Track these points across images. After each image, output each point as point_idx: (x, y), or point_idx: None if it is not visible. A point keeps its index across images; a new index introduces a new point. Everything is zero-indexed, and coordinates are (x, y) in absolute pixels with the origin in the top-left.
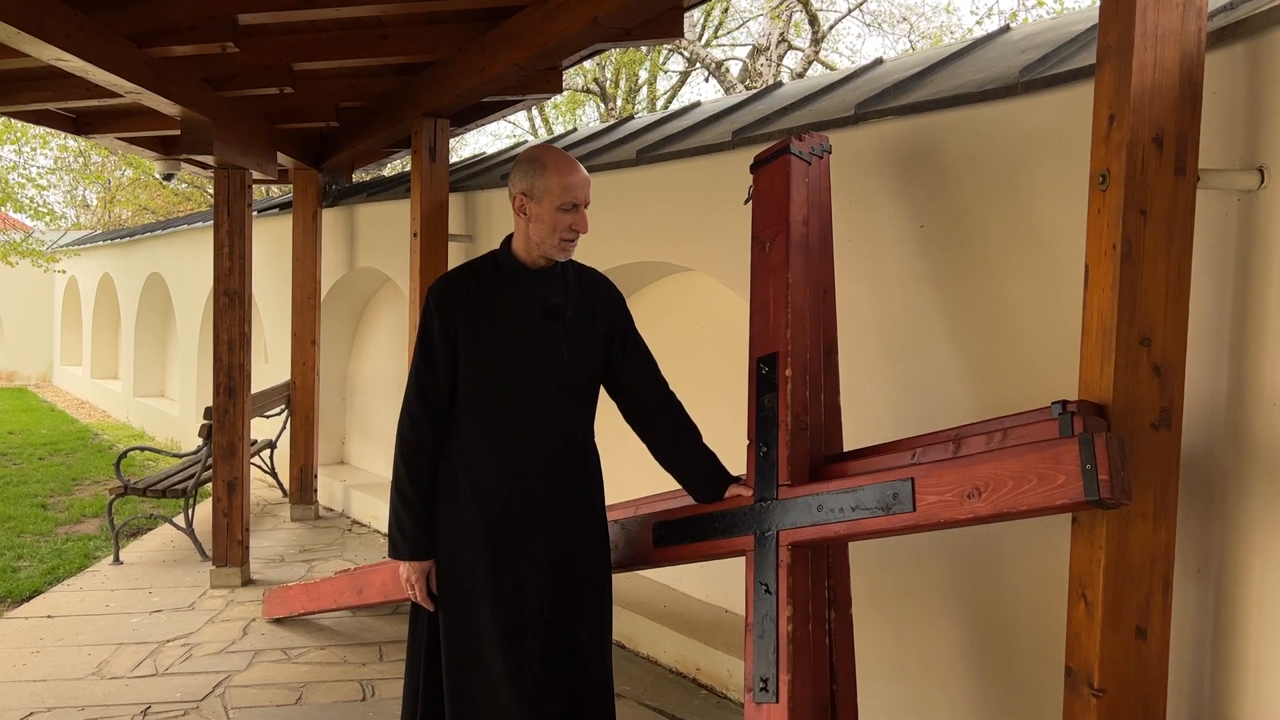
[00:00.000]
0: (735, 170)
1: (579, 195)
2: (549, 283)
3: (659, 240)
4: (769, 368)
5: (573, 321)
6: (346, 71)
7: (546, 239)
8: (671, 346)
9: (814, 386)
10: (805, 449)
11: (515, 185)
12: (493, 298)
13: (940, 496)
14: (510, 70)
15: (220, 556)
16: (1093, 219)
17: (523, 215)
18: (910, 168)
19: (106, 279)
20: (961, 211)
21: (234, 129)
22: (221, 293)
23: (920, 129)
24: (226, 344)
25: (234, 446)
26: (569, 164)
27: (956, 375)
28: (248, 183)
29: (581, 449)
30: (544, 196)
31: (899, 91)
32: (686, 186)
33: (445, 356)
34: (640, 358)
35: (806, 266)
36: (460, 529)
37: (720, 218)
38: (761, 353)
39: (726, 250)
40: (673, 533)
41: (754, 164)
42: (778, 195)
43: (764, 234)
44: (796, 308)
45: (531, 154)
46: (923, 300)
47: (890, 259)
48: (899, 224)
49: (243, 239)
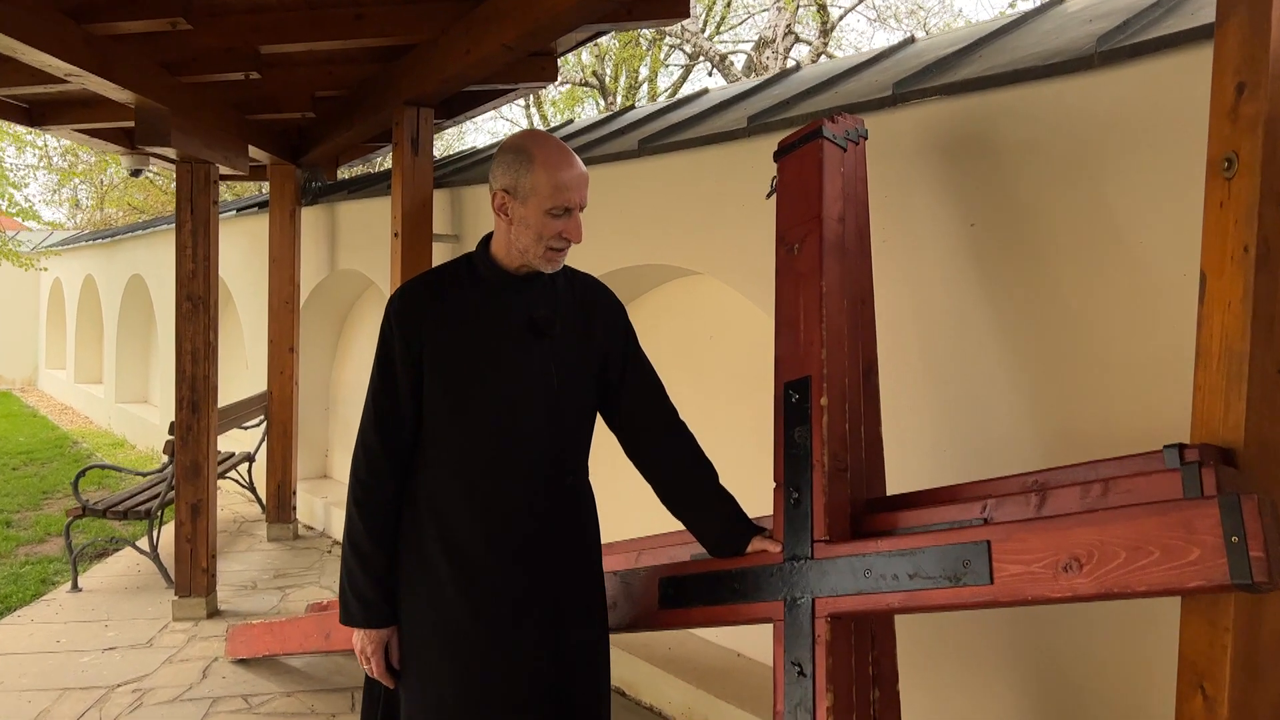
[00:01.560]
0: (750, 161)
1: (573, 197)
2: (535, 291)
3: (663, 240)
4: (799, 395)
5: (563, 337)
6: (321, 57)
7: (530, 247)
8: (676, 362)
9: (853, 416)
10: (845, 495)
11: (497, 180)
12: (466, 310)
13: (1026, 567)
14: (498, 52)
15: (183, 586)
16: (1212, 215)
17: (504, 216)
18: (958, 156)
19: (89, 280)
20: (1019, 207)
21: (197, 118)
22: (185, 298)
23: (970, 111)
24: (190, 354)
25: (199, 466)
26: (562, 157)
27: (1013, 402)
28: (213, 178)
29: (574, 491)
30: (530, 196)
31: (943, 69)
32: (695, 180)
33: (408, 382)
34: (644, 381)
35: (843, 272)
36: (427, 590)
37: (733, 215)
38: (791, 376)
39: (740, 252)
40: (683, 592)
41: (779, 150)
42: (808, 187)
43: (791, 233)
44: (832, 322)
45: (517, 142)
46: (972, 312)
47: (933, 263)
48: (944, 222)
49: (208, 239)
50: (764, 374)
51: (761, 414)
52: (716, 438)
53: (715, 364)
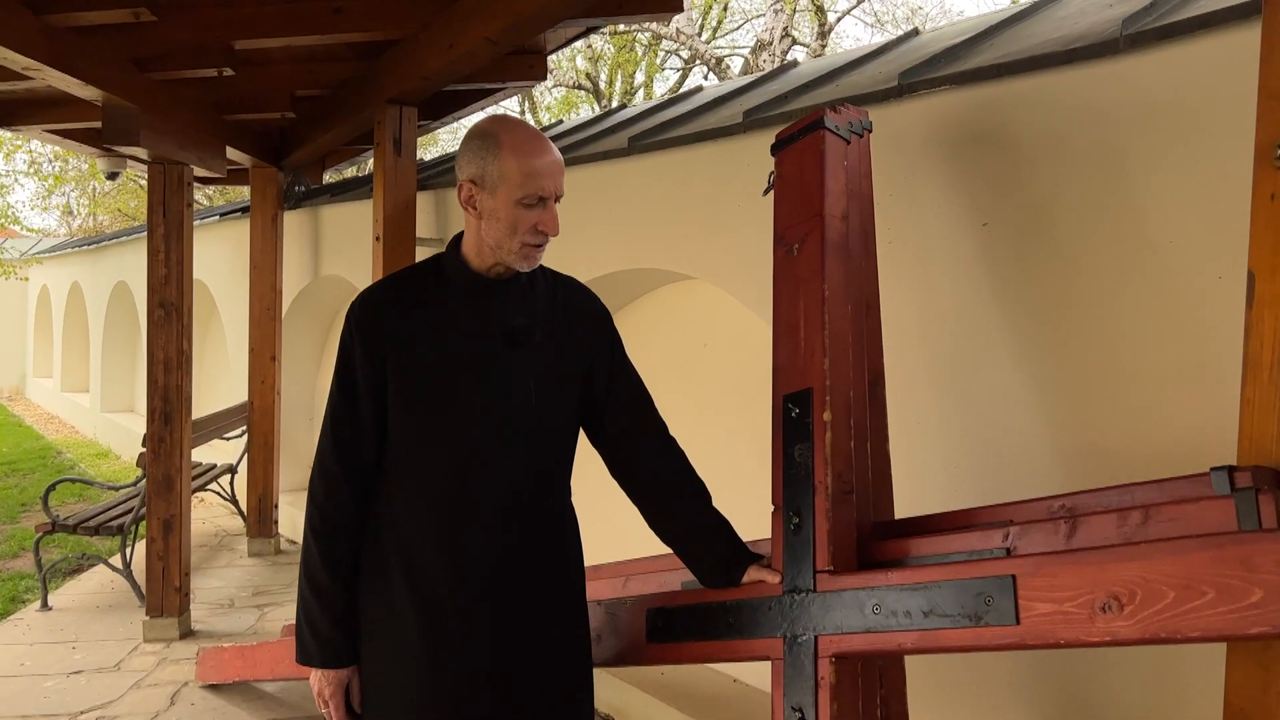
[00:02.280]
0: (747, 158)
1: (546, 185)
2: (511, 297)
3: (654, 243)
4: (800, 409)
5: (543, 348)
6: (300, 54)
7: (503, 242)
8: (668, 372)
9: (859, 432)
10: (851, 519)
11: (462, 170)
12: (435, 317)
13: (1058, 606)
14: (481, 46)
15: (155, 606)
16: (1262, 208)
17: (472, 210)
18: (969, 151)
19: (76, 288)
20: (1036, 205)
21: (169, 117)
22: (156, 305)
23: (982, 102)
24: (162, 364)
25: (170, 480)
26: (534, 142)
27: (1031, 416)
28: (187, 180)
29: (554, 516)
30: (499, 186)
31: (953, 58)
32: (688, 179)
33: (371, 397)
34: (632, 395)
35: (846, 275)
36: (389, 629)
37: (729, 216)
38: (790, 389)
39: (736, 255)
40: (672, 625)
41: (777, 143)
42: (809, 182)
43: (790, 233)
44: (835, 329)
45: (483, 128)
46: (986, 318)
47: (943, 266)
48: (954, 222)
49: (180, 244)
50: (763, 385)
51: (760, 427)
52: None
53: (710, 374)
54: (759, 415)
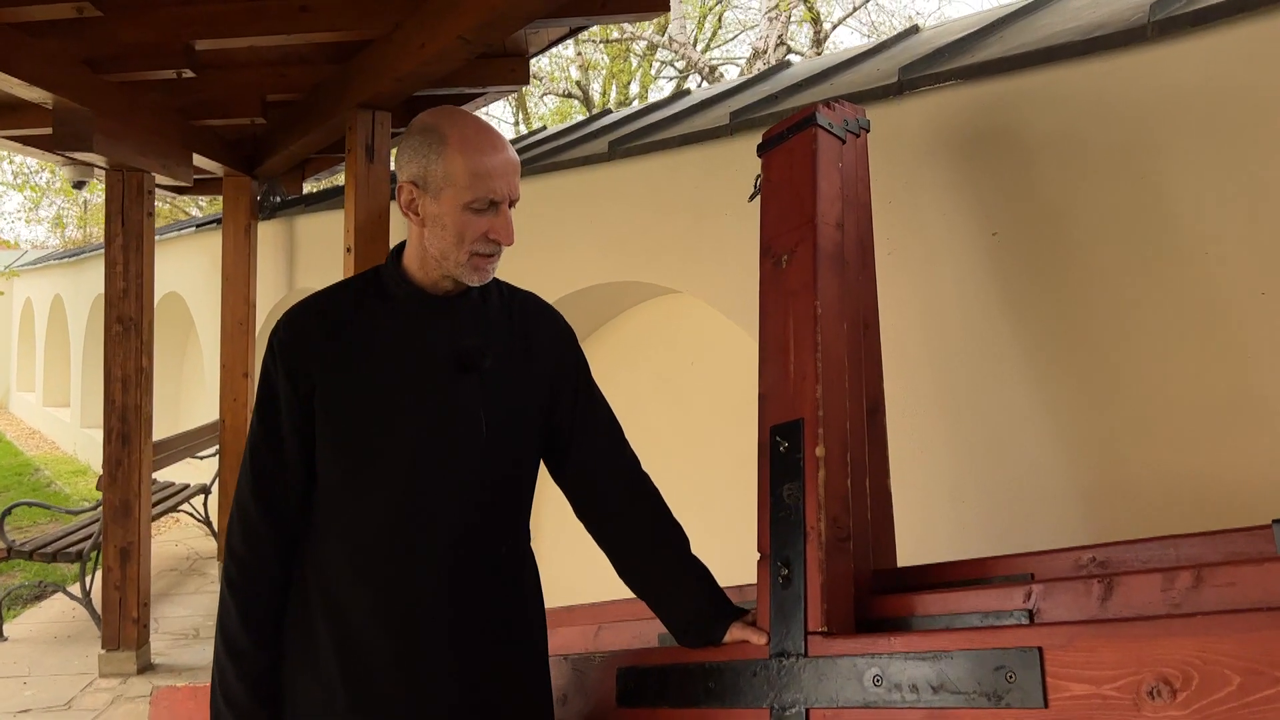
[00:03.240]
0: (734, 163)
1: (498, 187)
2: (460, 315)
3: (636, 254)
4: (789, 442)
5: (497, 372)
6: (269, 57)
7: (450, 252)
8: (652, 393)
9: (856, 469)
10: (848, 572)
11: (402, 169)
12: (372, 339)
13: (1095, 688)
14: (455, 45)
15: (112, 638)
16: None
17: (414, 216)
18: (977, 152)
19: (58, 301)
20: (1052, 212)
21: (127, 122)
22: (114, 320)
23: (991, 98)
24: (120, 381)
25: (128, 506)
26: (483, 137)
27: (1048, 446)
28: (148, 188)
29: (510, 567)
30: (444, 188)
31: (958, 52)
32: (672, 186)
33: (296, 431)
34: (599, 426)
35: (842, 289)
36: (316, 700)
37: (715, 224)
38: (778, 419)
39: (723, 267)
40: (646, 687)
41: (764, 143)
42: (799, 186)
43: (779, 243)
44: (830, 351)
45: (426, 122)
46: (997, 338)
47: (948, 279)
48: (960, 231)
49: (140, 255)
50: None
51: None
52: (696, 482)
53: (697, 395)
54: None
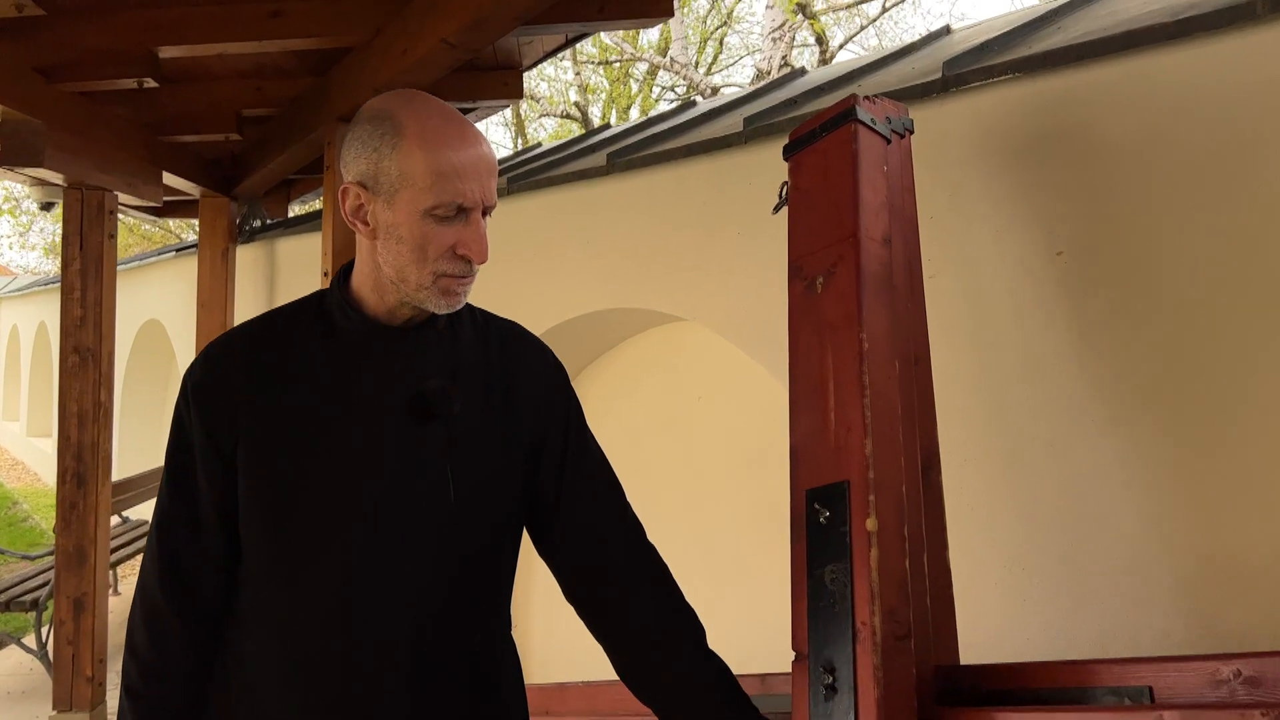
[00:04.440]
0: (749, 174)
1: (469, 190)
2: (423, 350)
3: (636, 277)
4: (831, 512)
5: (470, 421)
6: (244, 67)
7: (409, 272)
8: (655, 434)
9: (913, 542)
10: (909, 678)
11: (348, 167)
12: (313, 381)
13: None
14: (439, 51)
15: (63, 699)
16: None
17: (363, 226)
18: (1037, 158)
19: (43, 328)
20: (1133, 227)
21: (86, 136)
22: (70, 350)
23: (1056, 94)
24: (76, 417)
25: (83, 553)
26: (450, 127)
27: (1135, 511)
28: (109, 207)
29: (487, 662)
30: (400, 190)
31: (1009, 44)
32: (677, 201)
33: (215, 500)
34: (594, 487)
35: (892, 319)
36: None
37: (726, 243)
38: (816, 481)
39: (735, 291)
40: None
41: (792, 144)
42: (837, 194)
43: (812, 262)
44: (880, 395)
45: (379, 107)
46: (1063, 377)
47: (1004, 308)
48: (1019, 251)
49: (100, 281)
50: (770, 450)
51: (769, 507)
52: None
53: (705, 437)
54: (767, 489)
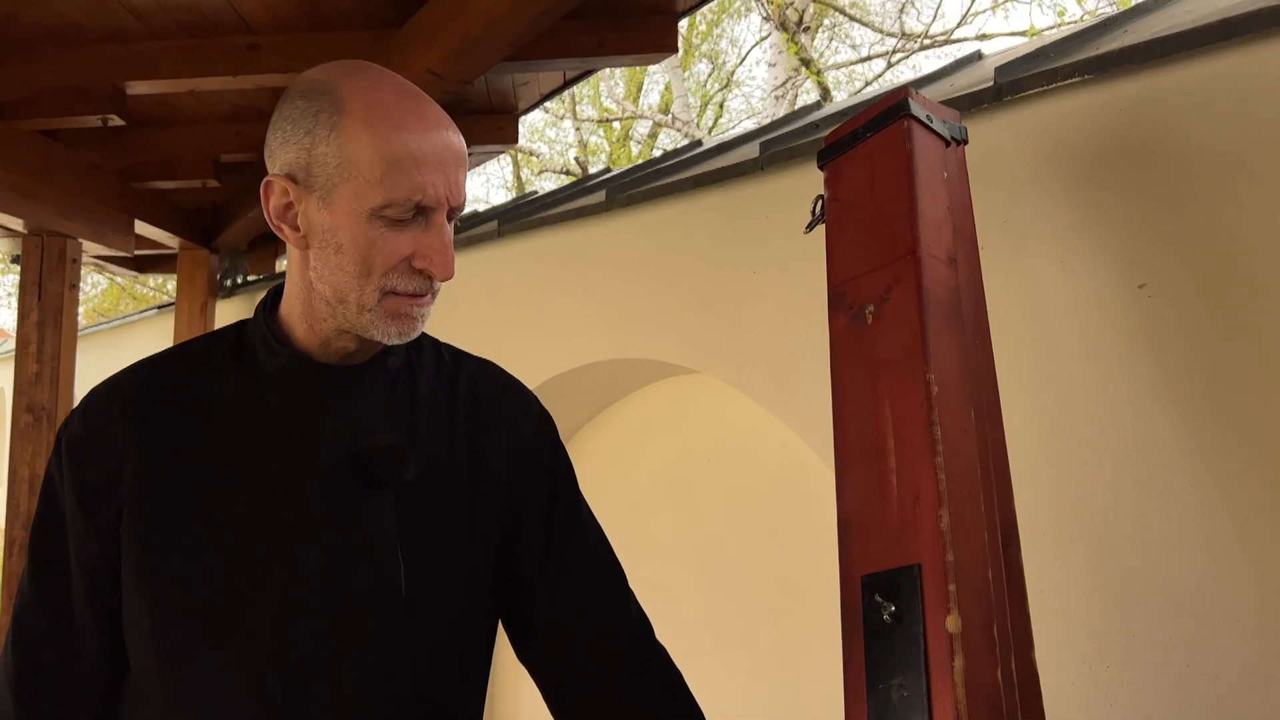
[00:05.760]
0: (766, 204)
1: (431, 183)
2: (368, 395)
3: (638, 324)
4: (896, 604)
5: (426, 488)
6: (220, 109)
7: (350, 291)
8: (657, 499)
9: (1003, 646)
10: None
11: (274, 155)
12: (224, 435)
13: None
14: (425, 83)
15: None
16: None
17: (291, 231)
18: (1111, 174)
19: None
20: (1232, 255)
21: (48, 180)
22: (24, 409)
23: (1131, 100)
24: (27, 483)
25: None
26: (407, 103)
27: (1235, 586)
28: (72, 256)
29: None
30: (340, 182)
31: (1068, 50)
32: (685, 238)
33: (89, 589)
34: (589, 571)
35: (963, 356)
36: None
37: (740, 282)
38: (873, 564)
39: (751, 336)
40: None
41: (828, 149)
42: (888, 203)
43: (857, 287)
44: (956, 455)
45: (316, 79)
46: (1151, 433)
47: (1075, 351)
48: (1091, 283)
49: (59, 334)
50: (793, 517)
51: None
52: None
53: (716, 502)
54: (788, 565)
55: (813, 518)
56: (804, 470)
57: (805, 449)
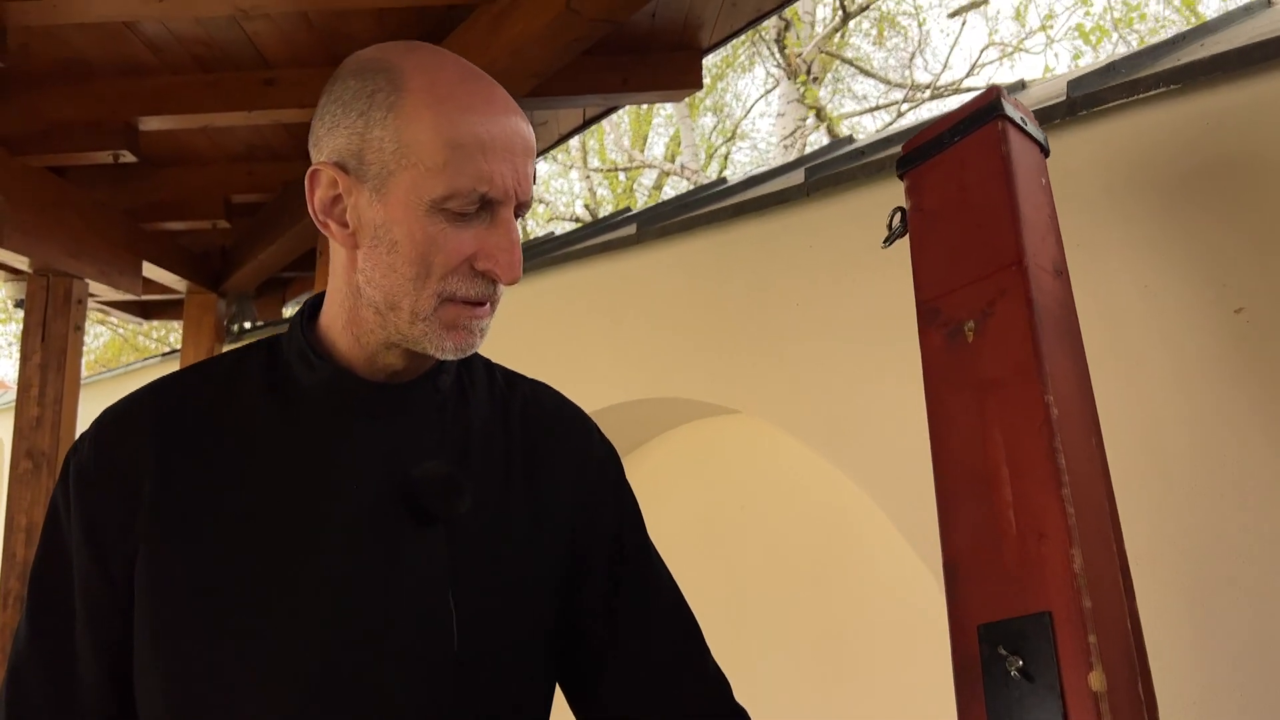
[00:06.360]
0: (808, 234)
1: (500, 173)
2: (416, 418)
3: (670, 362)
4: (1024, 658)
5: (480, 525)
6: (233, 148)
7: (404, 296)
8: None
9: (1150, 706)
10: None
11: (321, 142)
12: (252, 463)
13: None
14: None
15: None
16: None
17: (338, 228)
18: (1203, 192)
19: None
20: None
21: (55, 218)
22: (23, 454)
23: (1221, 113)
24: (24, 531)
25: None
26: (473, 84)
27: None
28: (78, 296)
29: None
30: (398, 170)
31: (1138, 66)
32: (721, 269)
33: (97, 643)
34: (662, 620)
35: (1080, 377)
36: None
37: (784, 315)
38: (992, 613)
39: (794, 374)
40: None
41: (908, 157)
42: (986, 209)
43: (953, 302)
44: (1084, 486)
45: (371, 58)
46: (1251, 466)
47: (1165, 382)
48: (1179, 308)
49: (61, 377)
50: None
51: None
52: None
53: (752, 550)
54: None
55: (860, 568)
56: (850, 516)
57: (853, 493)
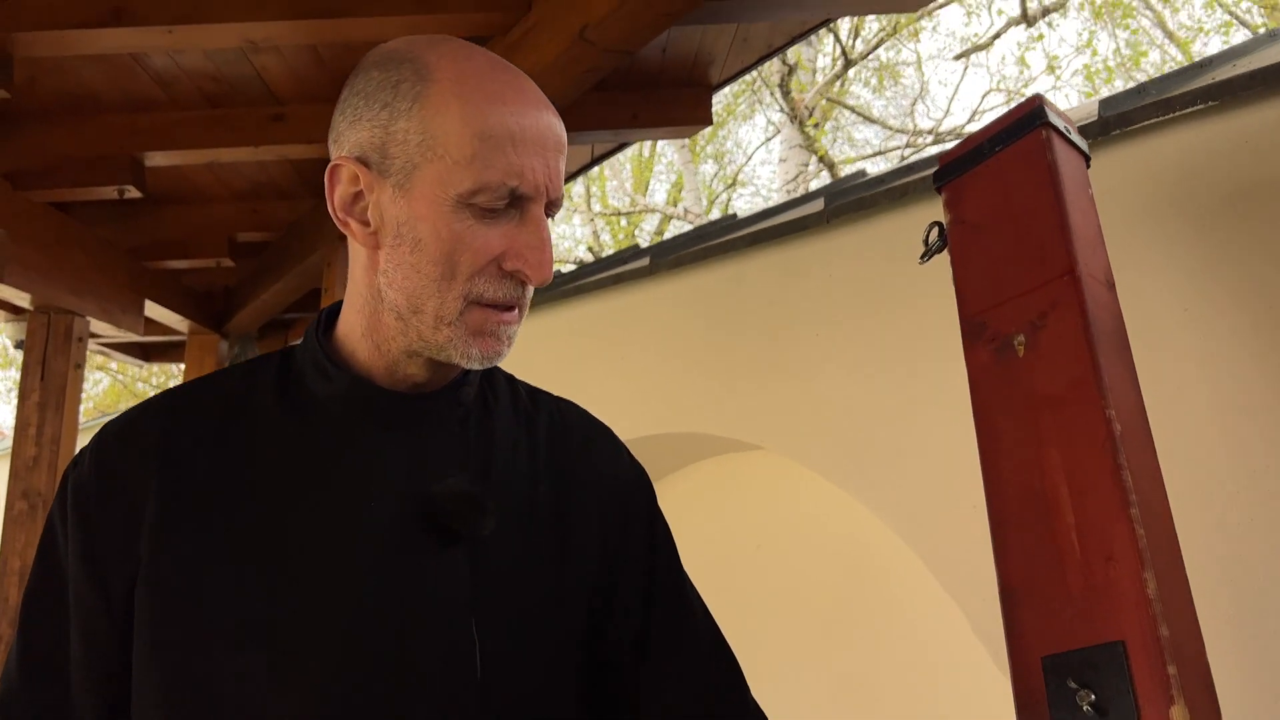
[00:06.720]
0: (827, 261)
1: (531, 168)
2: (439, 432)
3: (683, 396)
4: (1097, 692)
5: (505, 546)
6: (239, 186)
7: (428, 300)
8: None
9: None
10: None
11: (342, 136)
12: (263, 479)
13: None
14: None
15: None
16: None
17: (359, 227)
18: (1241, 211)
19: None
20: None
21: (58, 255)
22: (19, 495)
23: (1263, 130)
24: (18, 575)
25: None
26: (501, 75)
27: None
28: (79, 334)
29: None
30: (423, 164)
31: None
32: (737, 301)
33: (95, 675)
34: (698, 652)
35: (1135, 389)
36: None
37: (799, 346)
38: (1056, 644)
39: (815, 406)
40: None
41: (945, 169)
42: (1033, 216)
43: (1001, 315)
44: (1151, 505)
45: (396, 49)
46: None
47: (1212, 410)
48: (1223, 332)
49: (60, 416)
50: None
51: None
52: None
53: (768, 593)
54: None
55: (885, 607)
56: (873, 553)
57: (877, 530)
